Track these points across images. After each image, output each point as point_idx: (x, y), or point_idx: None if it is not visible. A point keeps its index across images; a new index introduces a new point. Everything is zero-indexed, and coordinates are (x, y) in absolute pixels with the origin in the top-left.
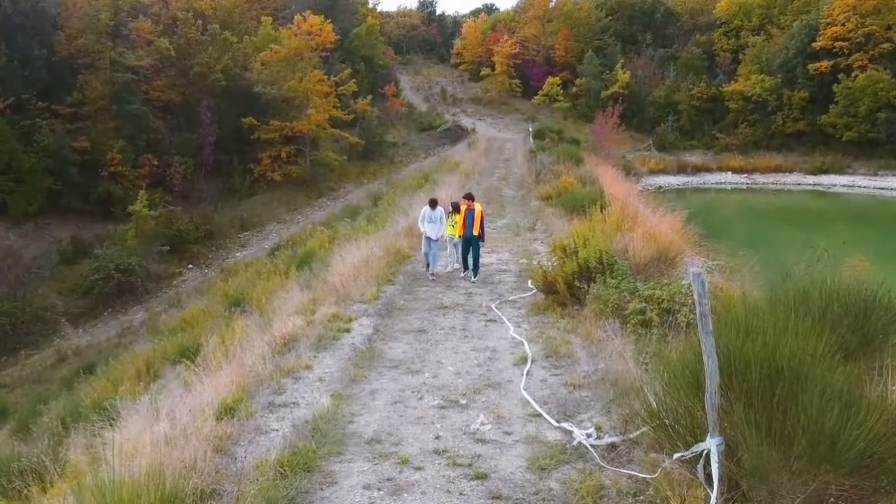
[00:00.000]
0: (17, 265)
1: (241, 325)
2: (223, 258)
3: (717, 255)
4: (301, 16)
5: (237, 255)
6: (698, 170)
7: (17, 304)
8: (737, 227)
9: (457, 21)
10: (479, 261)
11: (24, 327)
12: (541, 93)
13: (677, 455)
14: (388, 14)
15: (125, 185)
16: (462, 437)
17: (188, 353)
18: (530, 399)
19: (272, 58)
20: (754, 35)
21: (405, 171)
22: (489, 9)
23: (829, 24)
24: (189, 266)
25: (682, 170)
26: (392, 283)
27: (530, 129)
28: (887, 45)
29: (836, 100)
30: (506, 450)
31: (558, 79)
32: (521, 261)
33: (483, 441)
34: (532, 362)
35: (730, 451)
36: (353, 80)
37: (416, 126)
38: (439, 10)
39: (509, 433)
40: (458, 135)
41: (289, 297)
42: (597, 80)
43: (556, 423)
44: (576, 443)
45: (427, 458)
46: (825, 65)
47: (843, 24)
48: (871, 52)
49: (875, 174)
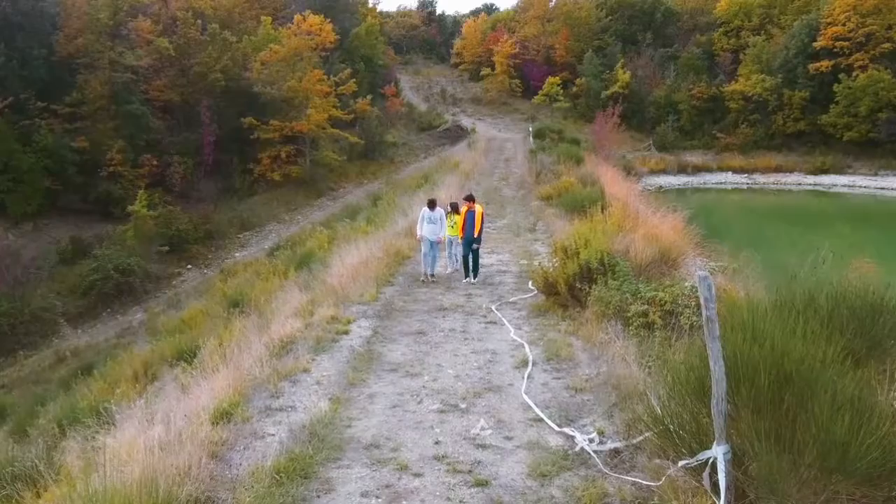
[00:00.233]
0: (15, 265)
1: (240, 327)
2: (222, 258)
3: (719, 256)
4: (301, 15)
5: (236, 255)
6: (699, 170)
7: (15, 304)
8: (737, 227)
9: (457, 21)
10: (478, 262)
11: (23, 328)
12: (541, 93)
13: (682, 463)
14: (387, 14)
15: (124, 184)
16: (462, 442)
17: (186, 355)
18: (531, 403)
19: (272, 57)
20: (755, 35)
21: (405, 171)
22: (489, 8)
23: (829, 23)
24: (188, 266)
25: (682, 170)
26: (391, 284)
27: (530, 129)
28: (888, 45)
29: (836, 100)
30: (507, 456)
31: (558, 79)
32: (522, 261)
33: (483, 446)
34: (533, 365)
35: (737, 460)
36: (353, 80)
37: (416, 126)
38: (439, 10)
39: (510, 438)
40: (457, 135)
41: (287, 298)
42: (597, 80)
43: (557, 428)
44: (578, 448)
45: (426, 464)
46: (826, 64)
47: (844, 24)
48: (872, 52)
49: (875, 174)
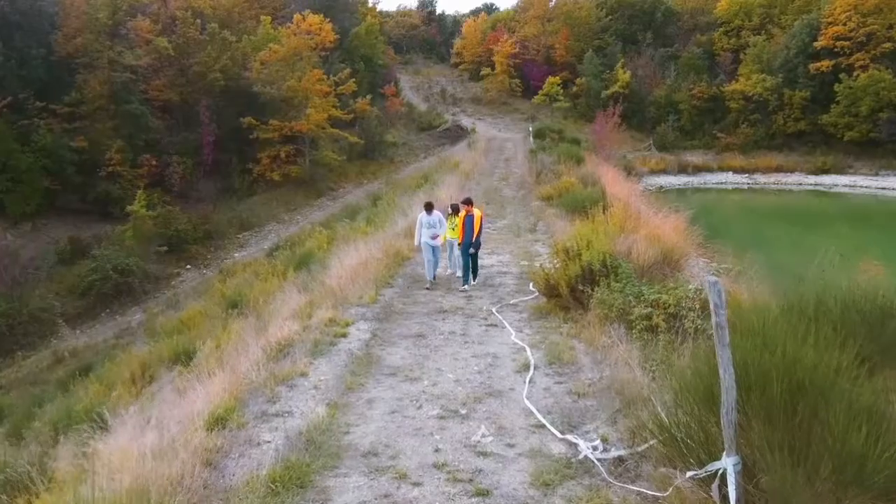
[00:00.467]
0: (14, 265)
1: (237, 329)
2: (222, 258)
3: (721, 258)
4: (300, 15)
5: (236, 255)
6: (699, 170)
7: (14, 304)
8: (738, 227)
9: (457, 20)
10: (478, 264)
11: (21, 328)
12: (541, 92)
13: (690, 473)
14: (387, 13)
15: (123, 184)
16: (462, 449)
17: (183, 357)
18: (533, 409)
19: (271, 57)
20: (755, 34)
21: (405, 171)
22: (489, 8)
23: (830, 23)
24: (187, 266)
25: (682, 170)
26: (391, 285)
27: (530, 129)
28: (889, 45)
29: (837, 99)
30: (508, 464)
31: (558, 78)
32: (522, 262)
33: (484, 454)
34: (534, 369)
35: (747, 472)
36: (353, 80)
37: (416, 126)
38: (439, 10)
39: (512, 445)
40: (457, 134)
41: (286, 300)
42: (597, 80)
43: (560, 435)
44: (581, 456)
45: (426, 473)
46: (826, 64)
47: (845, 24)
48: (873, 52)
49: (876, 174)
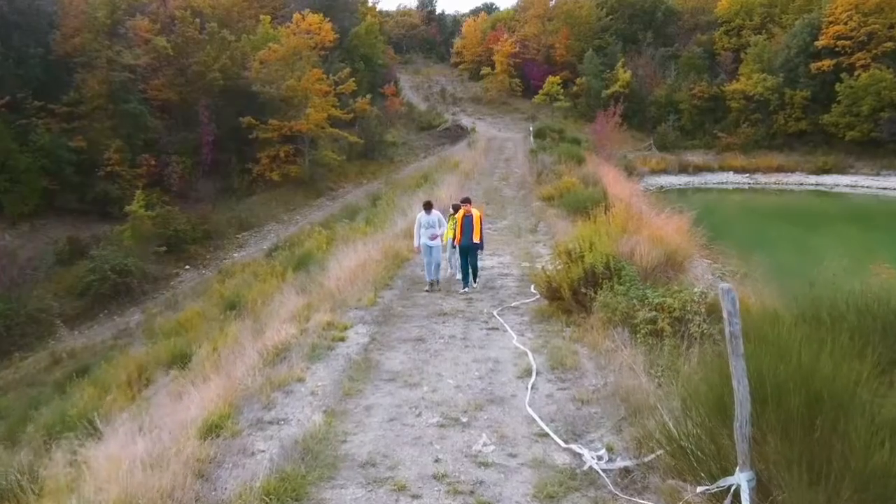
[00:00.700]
0: (12, 266)
1: (234, 331)
2: (221, 259)
3: (725, 259)
4: (300, 14)
5: (235, 255)
6: (700, 169)
7: (11, 305)
8: (739, 227)
9: (457, 20)
10: (478, 266)
11: (19, 329)
12: (541, 92)
13: (701, 489)
14: (387, 13)
15: (122, 184)
16: (463, 459)
17: (180, 360)
18: (536, 417)
19: (271, 57)
20: (756, 34)
21: (405, 171)
22: (489, 8)
23: (831, 22)
24: (186, 267)
25: (683, 170)
26: (390, 287)
27: (531, 129)
28: (890, 44)
29: (838, 99)
30: (510, 475)
31: (559, 78)
32: (524, 264)
33: (486, 464)
34: (537, 375)
35: (762, 488)
36: (353, 80)
37: (416, 125)
38: (439, 9)
39: (514, 455)
40: (457, 134)
41: (284, 301)
42: (597, 80)
43: (564, 445)
44: (586, 467)
45: (425, 484)
46: (827, 64)
47: (846, 23)
48: (874, 51)
49: (878, 174)
